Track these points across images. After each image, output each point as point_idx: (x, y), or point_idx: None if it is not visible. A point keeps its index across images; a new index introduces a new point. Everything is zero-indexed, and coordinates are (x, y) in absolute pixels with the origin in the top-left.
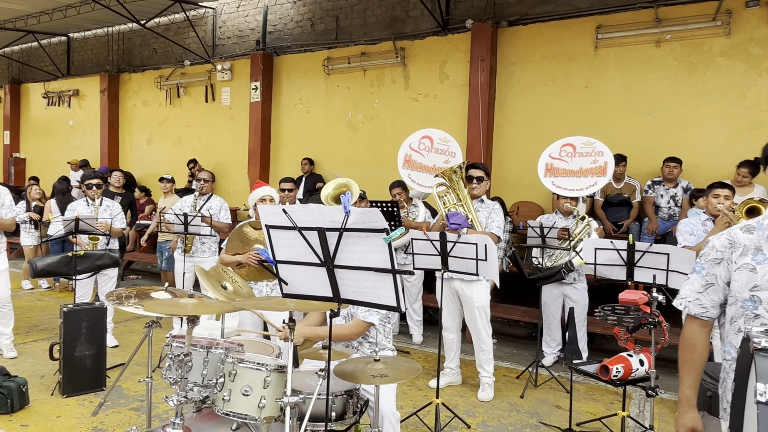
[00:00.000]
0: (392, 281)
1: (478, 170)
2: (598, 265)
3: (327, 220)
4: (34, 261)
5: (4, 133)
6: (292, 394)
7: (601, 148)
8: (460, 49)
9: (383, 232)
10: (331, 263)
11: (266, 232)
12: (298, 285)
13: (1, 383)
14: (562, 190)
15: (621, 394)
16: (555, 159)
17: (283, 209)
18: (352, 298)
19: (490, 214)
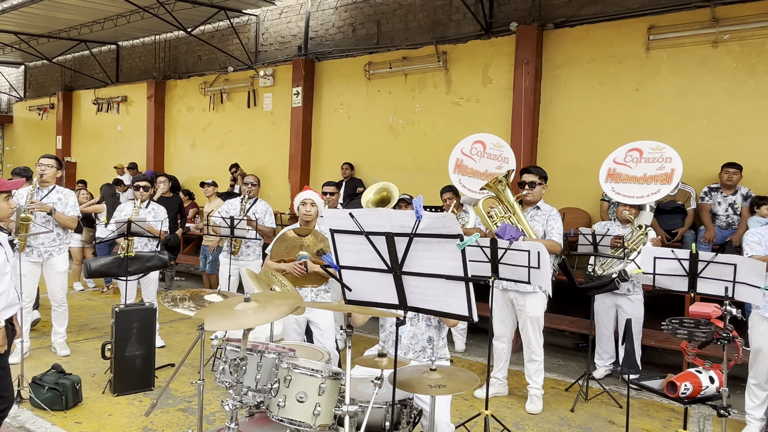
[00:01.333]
0: (464, 289)
1: (530, 174)
2: (657, 275)
3: (396, 224)
4: (89, 262)
5: (56, 138)
6: (351, 403)
7: (670, 154)
8: (504, 53)
9: (457, 238)
10: (399, 270)
11: (330, 236)
12: (363, 291)
13: (56, 380)
14: (621, 197)
15: (678, 411)
16: (619, 164)
17: (350, 213)
18: (419, 306)
19: (548, 220)
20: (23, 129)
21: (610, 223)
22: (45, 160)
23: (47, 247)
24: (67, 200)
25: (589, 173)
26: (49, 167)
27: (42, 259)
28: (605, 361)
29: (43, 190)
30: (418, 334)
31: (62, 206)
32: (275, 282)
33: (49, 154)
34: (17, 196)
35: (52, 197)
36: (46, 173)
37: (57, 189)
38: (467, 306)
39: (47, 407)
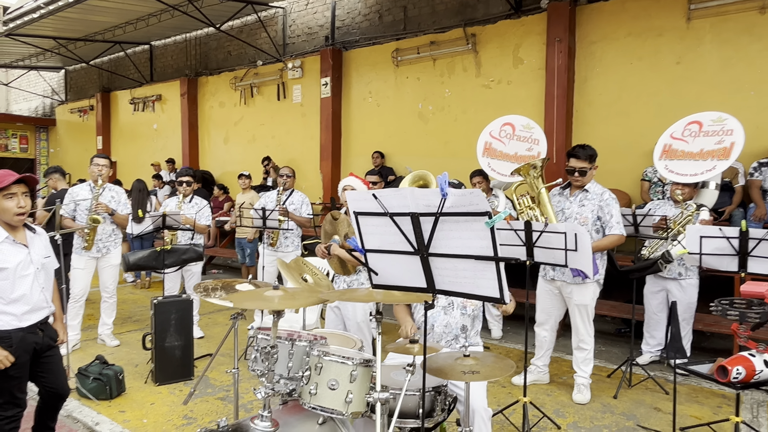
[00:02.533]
0: (495, 270)
1: (578, 160)
2: (704, 254)
3: (421, 204)
4: (127, 256)
5: (97, 138)
6: (381, 389)
7: (732, 126)
8: (535, 32)
9: (485, 216)
10: (426, 251)
11: (354, 219)
12: (389, 275)
13: (100, 371)
14: (674, 176)
15: (729, 398)
16: (676, 139)
17: (373, 194)
18: (448, 289)
19: (602, 207)
20: (66, 131)
21: (663, 202)
22: (101, 159)
23: (105, 242)
24: (120, 198)
25: (628, 152)
26: (106, 167)
27: (101, 254)
28: (651, 347)
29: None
30: (452, 323)
31: (116, 204)
32: (306, 271)
33: (102, 154)
34: (72, 194)
35: (105, 196)
36: (104, 173)
37: (109, 187)
38: (498, 287)
39: (93, 397)
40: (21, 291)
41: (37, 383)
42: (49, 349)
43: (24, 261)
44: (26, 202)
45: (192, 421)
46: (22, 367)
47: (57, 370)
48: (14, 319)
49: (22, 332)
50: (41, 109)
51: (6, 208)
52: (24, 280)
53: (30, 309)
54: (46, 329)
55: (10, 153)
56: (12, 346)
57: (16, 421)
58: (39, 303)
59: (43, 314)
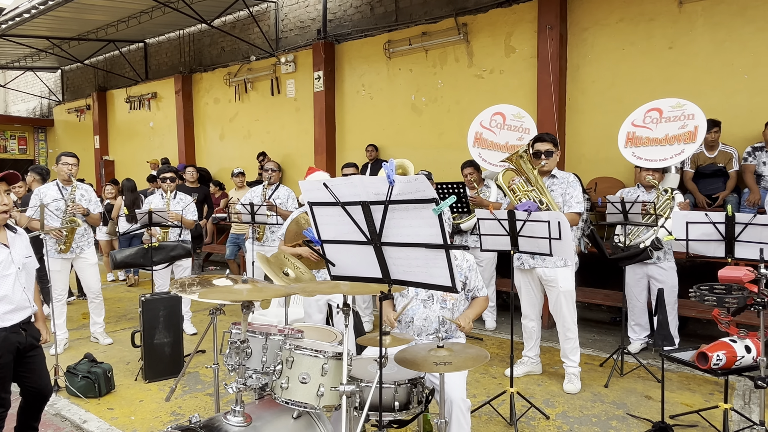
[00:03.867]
0: (445, 258)
1: (545, 143)
2: (691, 240)
3: (371, 192)
4: (114, 254)
5: (94, 137)
6: (350, 382)
7: (692, 110)
8: (527, 19)
9: (432, 203)
10: (378, 240)
11: (309, 209)
12: (346, 266)
13: (88, 369)
14: (643, 162)
15: (721, 385)
16: (638, 126)
17: (324, 183)
18: (403, 279)
19: (566, 189)
20: (64, 131)
21: (634, 189)
22: (69, 158)
23: (77, 242)
24: (90, 196)
25: None
26: (75, 166)
27: (74, 254)
28: (639, 334)
29: (67, 188)
30: (431, 316)
31: (86, 203)
32: (288, 265)
33: (69, 152)
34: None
35: (76, 195)
36: (74, 172)
37: (78, 185)
38: (450, 276)
39: (82, 395)
40: (3, 291)
41: (20, 383)
42: (32, 348)
43: (5, 261)
44: (8, 200)
45: (180, 417)
46: (5, 366)
47: (40, 369)
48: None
49: (5, 332)
50: (39, 110)
51: None
52: (6, 280)
53: (12, 309)
54: (28, 329)
55: (9, 154)
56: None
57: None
58: (21, 303)
59: (26, 314)
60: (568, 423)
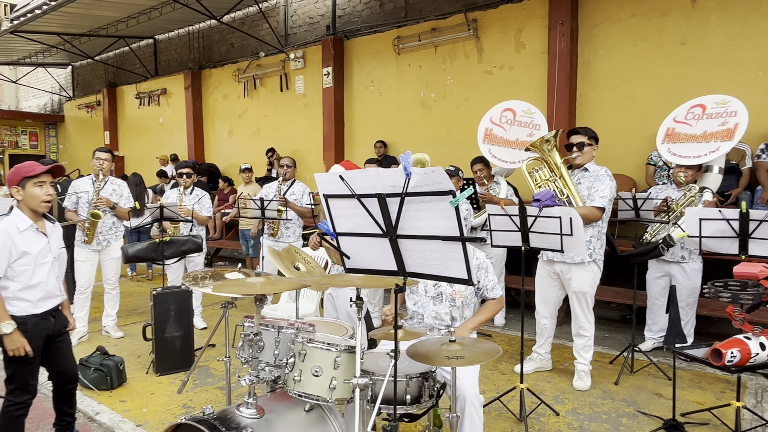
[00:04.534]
0: (461, 251)
1: (578, 135)
2: (704, 237)
3: (387, 185)
4: (126, 247)
5: (104, 133)
6: (362, 375)
7: (736, 107)
8: (537, 15)
9: (449, 195)
10: (394, 233)
11: (324, 202)
12: (361, 258)
13: (101, 362)
14: (676, 158)
15: (733, 383)
16: (679, 123)
17: (340, 175)
18: (418, 272)
19: (593, 183)
20: (74, 127)
21: (666, 186)
22: (102, 153)
23: (105, 235)
24: (122, 191)
25: (632, 137)
26: (107, 161)
27: (101, 246)
28: (654, 333)
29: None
30: (441, 313)
31: (117, 197)
32: (298, 259)
33: (103, 147)
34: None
35: (107, 189)
36: (105, 167)
37: (111, 180)
38: (466, 268)
39: (94, 387)
40: (39, 278)
41: (48, 367)
42: (60, 335)
43: (44, 249)
44: (52, 191)
45: (191, 410)
46: (35, 352)
47: (66, 353)
48: (30, 306)
49: (36, 318)
50: (49, 106)
51: (35, 195)
52: (42, 268)
53: (44, 296)
54: (57, 316)
55: (20, 150)
56: (27, 332)
57: (25, 408)
58: (53, 291)
59: (56, 302)
60: (578, 420)
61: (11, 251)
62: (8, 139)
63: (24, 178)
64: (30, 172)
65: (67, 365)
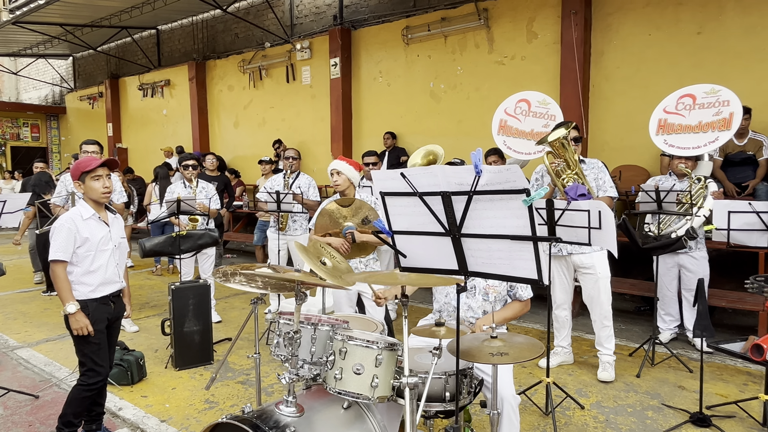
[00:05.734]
0: (533, 250)
1: (574, 130)
2: (732, 230)
3: (453, 182)
4: (143, 242)
5: (107, 125)
6: (411, 374)
7: (727, 97)
8: (549, 4)
9: (522, 194)
10: (458, 232)
11: (381, 199)
12: (418, 257)
13: (121, 357)
14: (675, 150)
15: (755, 375)
16: (670, 113)
17: (401, 173)
18: (481, 271)
19: (598, 174)
20: (76, 119)
21: (665, 177)
22: (90, 146)
23: None
24: (114, 186)
25: (646, 127)
26: (96, 153)
27: None
28: (668, 324)
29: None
30: (474, 307)
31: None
32: (324, 254)
33: (90, 140)
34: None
35: None
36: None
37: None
38: (536, 268)
39: (115, 382)
40: (99, 263)
41: None
42: (116, 321)
43: (105, 237)
44: (109, 183)
45: (214, 405)
46: (99, 334)
47: (112, 342)
48: (90, 290)
49: (96, 302)
50: (51, 98)
51: (94, 187)
52: (103, 254)
53: (103, 281)
54: (116, 302)
55: (22, 142)
56: (89, 314)
57: (95, 390)
58: (112, 277)
59: (115, 287)
60: (604, 413)
61: (76, 238)
62: (10, 131)
63: (82, 173)
64: (87, 167)
65: (108, 352)
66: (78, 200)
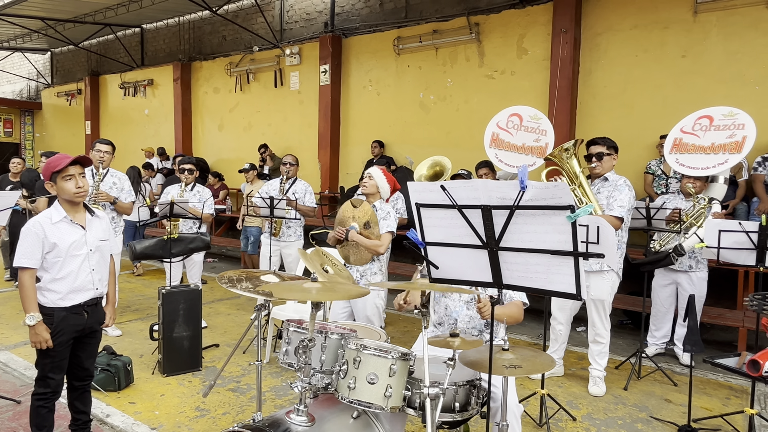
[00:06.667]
0: (573, 265)
1: (597, 146)
2: (722, 248)
3: (494, 196)
4: (133, 244)
5: (85, 123)
6: (431, 385)
7: (743, 120)
8: (540, 22)
9: (567, 210)
10: (496, 245)
11: (416, 210)
12: (451, 269)
13: (108, 362)
14: (685, 169)
15: (737, 389)
16: (686, 133)
17: (442, 186)
18: (517, 284)
19: (612, 192)
20: (52, 115)
21: (674, 196)
22: (103, 145)
23: None
24: (122, 185)
25: (631, 146)
26: (108, 153)
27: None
28: (657, 339)
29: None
30: (475, 318)
31: (117, 191)
32: (327, 262)
33: (104, 139)
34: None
35: (107, 182)
36: (105, 159)
37: (111, 173)
38: (576, 283)
39: (101, 388)
40: (68, 270)
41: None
42: (92, 332)
43: (78, 241)
44: (83, 182)
45: (205, 413)
46: (60, 347)
47: (90, 353)
48: (58, 298)
49: (65, 312)
50: (26, 92)
51: (65, 188)
52: (74, 260)
53: (73, 289)
54: (92, 312)
55: None
56: (53, 324)
57: (45, 401)
58: (84, 284)
59: (88, 296)
60: (595, 425)
61: (44, 243)
62: None
63: (53, 174)
64: (57, 166)
65: (86, 362)
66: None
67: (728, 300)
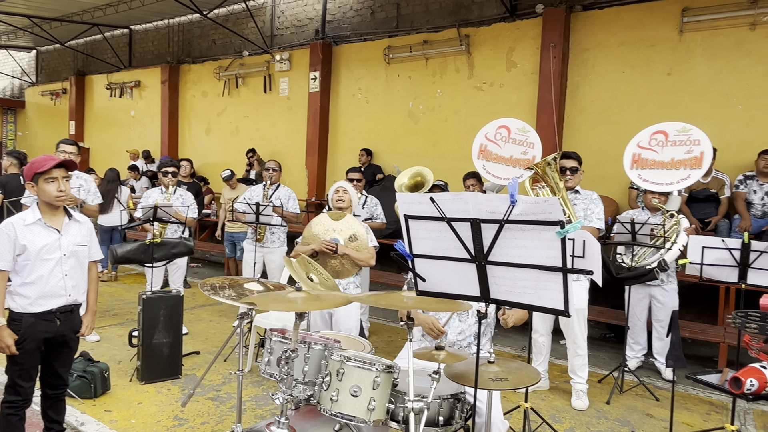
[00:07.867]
0: (561, 281)
1: (571, 160)
2: (705, 265)
3: (484, 210)
4: (115, 248)
5: (69, 123)
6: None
7: (698, 136)
8: (529, 36)
9: (557, 225)
10: (484, 259)
11: (404, 222)
12: (438, 282)
13: (84, 368)
14: (650, 184)
15: (716, 405)
16: (643, 148)
17: (431, 198)
18: (504, 299)
19: (588, 205)
20: (36, 114)
21: (639, 211)
22: (68, 146)
23: None
24: (89, 187)
25: (617, 161)
26: (73, 154)
27: None
28: (636, 352)
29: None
30: (465, 330)
31: (85, 193)
32: (312, 270)
33: (69, 139)
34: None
35: (73, 185)
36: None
37: (77, 175)
38: (564, 299)
39: (76, 395)
40: (38, 274)
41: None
42: (64, 341)
43: (51, 245)
44: (65, 186)
45: (183, 423)
46: (27, 354)
47: (63, 362)
48: (27, 303)
49: (34, 318)
50: (9, 90)
51: (46, 190)
52: (44, 264)
53: (43, 294)
54: (65, 319)
55: None
56: (20, 330)
57: (15, 409)
58: (55, 290)
59: (59, 302)
60: None
61: (15, 244)
62: None
63: (35, 174)
64: (41, 167)
65: (60, 370)
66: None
67: (709, 316)
